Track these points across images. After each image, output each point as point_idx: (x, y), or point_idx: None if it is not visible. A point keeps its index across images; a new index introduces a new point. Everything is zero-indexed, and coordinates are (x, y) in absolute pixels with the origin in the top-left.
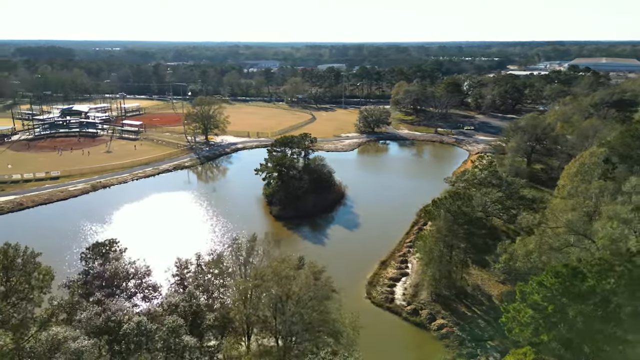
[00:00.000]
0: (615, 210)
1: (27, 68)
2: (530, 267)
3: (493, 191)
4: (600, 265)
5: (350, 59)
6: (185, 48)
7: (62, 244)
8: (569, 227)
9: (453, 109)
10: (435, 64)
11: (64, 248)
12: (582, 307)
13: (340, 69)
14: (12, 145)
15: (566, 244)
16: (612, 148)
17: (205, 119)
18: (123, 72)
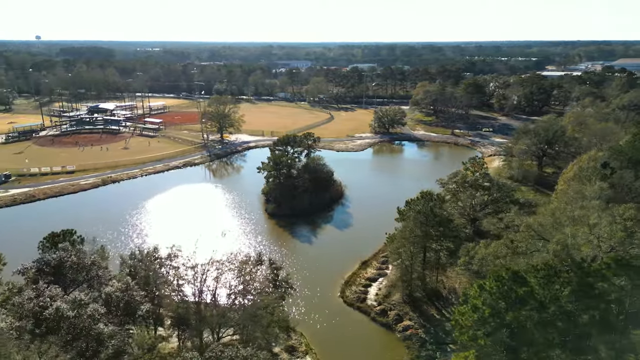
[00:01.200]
0: (583, 215)
1: (65, 67)
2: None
3: (478, 194)
4: (545, 270)
5: (382, 59)
6: (220, 48)
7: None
8: (536, 231)
9: (476, 110)
10: (466, 64)
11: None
12: (519, 312)
13: (363, 69)
14: (38, 140)
15: (533, 249)
16: (620, 152)
17: (220, 117)
18: (154, 72)
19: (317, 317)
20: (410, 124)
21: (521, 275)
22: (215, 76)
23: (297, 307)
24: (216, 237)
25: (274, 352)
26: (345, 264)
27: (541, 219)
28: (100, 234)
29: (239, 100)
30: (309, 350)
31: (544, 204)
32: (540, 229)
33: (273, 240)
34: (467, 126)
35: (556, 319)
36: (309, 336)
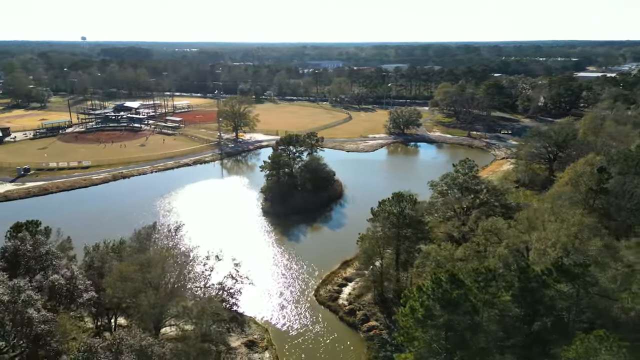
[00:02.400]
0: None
1: (100, 67)
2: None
3: (465, 196)
4: (485, 274)
5: (414, 59)
6: (254, 49)
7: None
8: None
9: (499, 112)
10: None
11: None
12: (451, 315)
13: (387, 70)
14: (63, 136)
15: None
16: (627, 157)
17: (235, 117)
18: (184, 72)
19: (286, 314)
20: (428, 125)
21: (458, 278)
22: (241, 76)
23: (270, 303)
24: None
25: (233, 346)
26: (328, 262)
27: (516, 223)
28: (93, 227)
29: (262, 100)
30: (270, 346)
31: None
32: (504, 232)
33: (259, 237)
34: (486, 128)
35: (489, 323)
36: (273, 332)
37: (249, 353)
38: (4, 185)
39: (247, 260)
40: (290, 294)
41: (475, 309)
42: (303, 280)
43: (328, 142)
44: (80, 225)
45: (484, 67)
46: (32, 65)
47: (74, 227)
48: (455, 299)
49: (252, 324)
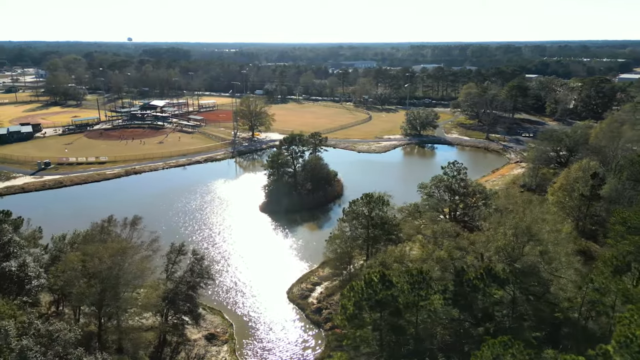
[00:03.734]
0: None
1: (136, 67)
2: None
3: (449, 198)
4: (415, 276)
5: (451, 59)
6: (289, 49)
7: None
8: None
9: (525, 114)
10: (538, 65)
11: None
12: (375, 314)
13: (413, 70)
14: (89, 133)
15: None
16: (632, 162)
17: (251, 116)
18: (215, 72)
19: (256, 310)
20: (447, 127)
21: (389, 279)
22: (269, 76)
23: (242, 298)
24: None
25: (193, 339)
26: (310, 261)
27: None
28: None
29: (287, 100)
30: (230, 339)
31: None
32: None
33: (250, 234)
34: (506, 131)
35: (410, 325)
36: (239, 326)
37: (207, 345)
38: (24, 177)
39: (231, 256)
40: (265, 290)
41: (399, 310)
42: (281, 277)
43: (340, 143)
44: (78, 218)
45: (513, 68)
46: (74, 65)
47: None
48: (381, 299)
49: (219, 317)
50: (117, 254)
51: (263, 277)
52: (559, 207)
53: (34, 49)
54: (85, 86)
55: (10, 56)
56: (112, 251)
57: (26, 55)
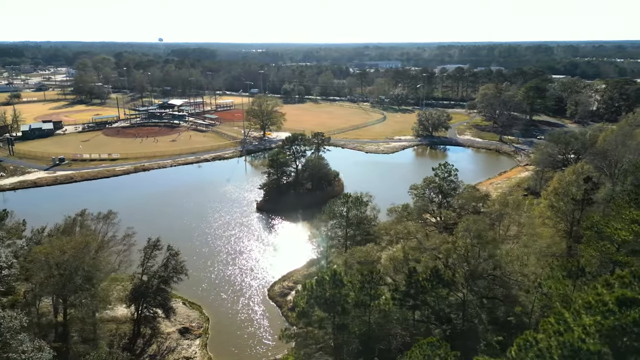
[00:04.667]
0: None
1: (160, 67)
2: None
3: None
4: (363, 277)
5: (478, 59)
6: (314, 49)
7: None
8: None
9: (545, 115)
10: (567, 66)
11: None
12: (322, 313)
13: (432, 70)
14: (107, 130)
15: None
16: (637, 167)
17: (263, 115)
18: (236, 71)
19: (235, 306)
20: (461, 128)
21: (339, 278)
22: (289, 76)
23: (223, 295)
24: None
25: (167, 332)
26: (297, 260)
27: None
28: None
29: (304, 99)
30: (204, 334)
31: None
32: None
33: (242, 231)
34: (522, 133)
35: (363, 325)
36: (215, 322)
37: (179, 339)
38: (38, 172)
39: (220, 252)
40: (248, 287)
41: (345, 310)
42: (266, 275)
43: (350, 143)
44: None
45: (536, 68)
46: (102, 64)
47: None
48: (330, 297)
49: (197, 312)
50: (79, 246)
51: (248, 274)
52: (553, 211)
53: (68, 49)
54: (111, 85)
55: (46, 56)
56: (75, 244)
57: (60, 55)
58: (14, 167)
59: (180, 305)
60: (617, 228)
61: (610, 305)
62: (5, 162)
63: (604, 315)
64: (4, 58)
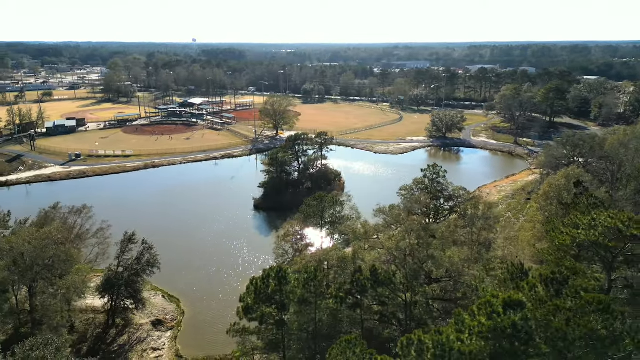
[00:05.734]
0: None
1: (185, 67)
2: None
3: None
4: (307, 274)
5: (510, 60)
6: (342, 49)
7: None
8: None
9: (568, 118)
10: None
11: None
12: (267, 308)
13: (456, 71)
14: (126, 128)
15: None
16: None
17: (275, 115)
18: (259, 72)
19: (213, 301)
20: (478, 130)
21: (283, 275)
22: (311, 76)
23: (204, 290)
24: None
25: (140, 323)
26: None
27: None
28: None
29: (324, 100)
30: (176, 326)
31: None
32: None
33: (234, 228)
34: (540, 135)
35: (299, 321)
36: (190, 316)
37: (151, 330)
38: (53, 167)
39: (209, 248)
40: (229, 284)
41: (284, 306)
42: (249, 272)
43: (360, 143)
44: None
45: (562, 69)
46: (132, 64)
47: None
48: (270, 294)
49: (174, 305)
50: (42, 237)
51: (232, 270)
52: (543, 215)
53: (105, 49)
54: (140, 84)
55: (84, 56)
56: (38, 235)
57: (97, 55)
58: (33, 162)
59: (159, 299)
60: (561, 232)
61: (495, 307)
62: (26, 156)
63: (488, 317)
64: (44, 57)
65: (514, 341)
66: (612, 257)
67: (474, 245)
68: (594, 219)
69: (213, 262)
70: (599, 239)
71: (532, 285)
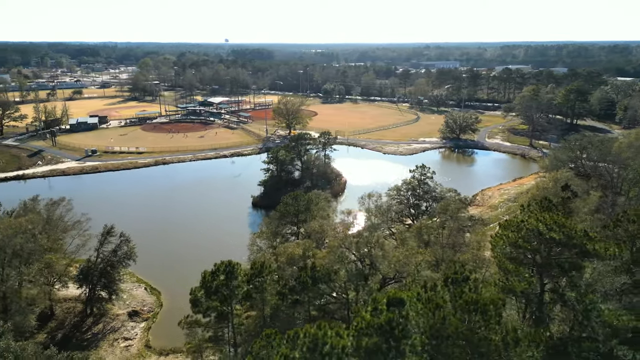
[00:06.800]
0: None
1: (210, 67)
2: None
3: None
4: (254, 269)
5: (544, 60)
6: (370, 49)
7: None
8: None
9: (593, 120)
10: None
11: None
12: (213, 302)
13: (478, 71)
14: (145, 126)
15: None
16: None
17: (288, 114)
18: (282, 71)
19: None
20: (495, 131)
21: (231, 270)
22: (334, 76)
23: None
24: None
25: (116, 313)
26: None
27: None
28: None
29: (343, 99)
30: (152, 318)
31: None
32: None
33: (231, 225)
34: (558, 137)
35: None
36: (168, 308)
37: (125, 320)
38: (69, 162)
39: (201, 243)
40: None
41: (225, 298)
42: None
43: (370, 143)
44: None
45: (590, 69)
46: (161, 63)
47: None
48: (216, 287)
49: (154, 297)
50: (12, 227)
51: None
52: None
53: (141, 49)
54: (167, 83)
55: (119, 56)
56: (7, 225)
57: (132, 55)
58: (51, 157)
59: (141, 290)
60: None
61: (380, 304)
62: (46, 152)
63: (371, 314)
64: (81, 57)
65: (388, 337)
66: (541, 261)
67: (440, 247)
68: (523, 221)
69: (202, 257)
70: (518, 241)
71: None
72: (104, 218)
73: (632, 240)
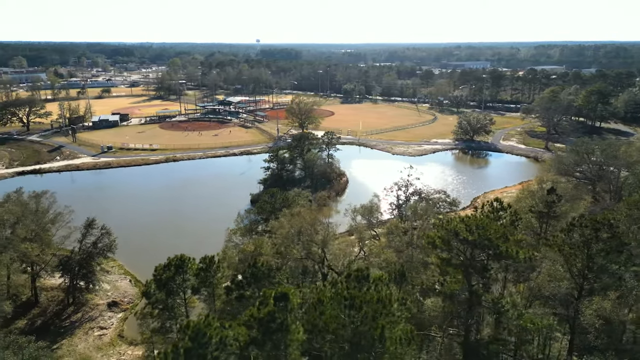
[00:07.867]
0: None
1: (234, 67)
2: None
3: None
4: (201, 264)
5: (580, 60)
6: (400, 49)
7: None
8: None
9: (617, 123)
10: None
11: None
12: (161, 294)
13: (502, 71)
14: (164, 124)
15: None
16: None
17: (301, 114)
18: (305, 71)
19: None
20: (511, 133)
21: (180, 264)
22: (356, 76)
23: None
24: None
25: (96, 303)
26: None
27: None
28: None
29: (362, 100)
30: (131, 309)
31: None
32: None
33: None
34: (570, 141)
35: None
36: None
37: (104, 310)
38: (85, 158)
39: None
40: None
41: (172, 291)
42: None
43: (380, 144)
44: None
45: (620, 71)
46: (189, 63)
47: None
48: (165, 281)
49: (137, 289)
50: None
51: None
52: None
53: (174, 49)
54: (194, 83)
55: (152, 56)
56: None
57: (165, 55)
58: (69, 152)
59: (125, 282)
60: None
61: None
62: (65, 147)
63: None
64: (116, 57)
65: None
66: (466, 262)
67: (407, 247)
68: (449, 221)
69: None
70: (435, 240)
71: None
72: (101, 212)
73: (587, 245)
